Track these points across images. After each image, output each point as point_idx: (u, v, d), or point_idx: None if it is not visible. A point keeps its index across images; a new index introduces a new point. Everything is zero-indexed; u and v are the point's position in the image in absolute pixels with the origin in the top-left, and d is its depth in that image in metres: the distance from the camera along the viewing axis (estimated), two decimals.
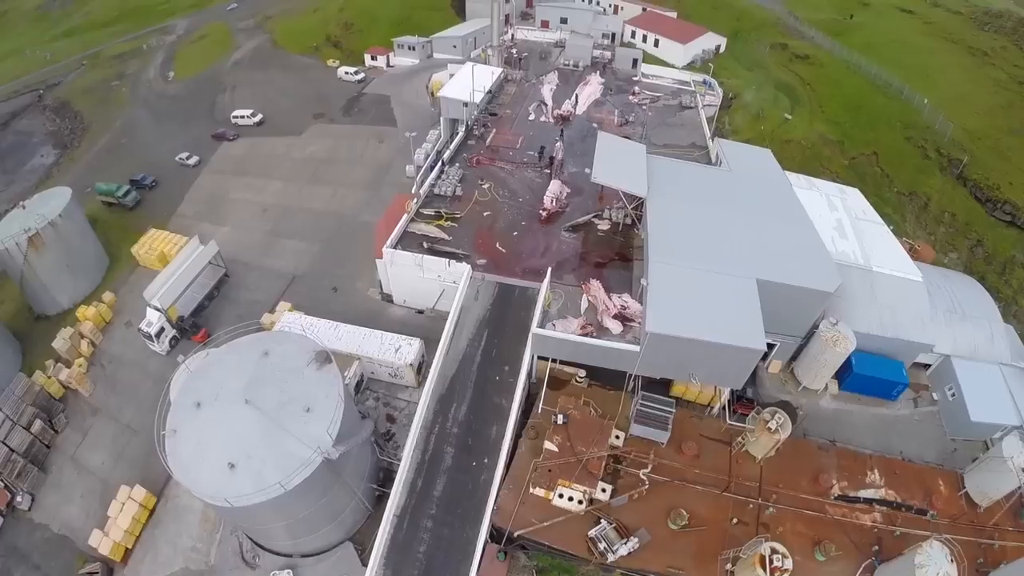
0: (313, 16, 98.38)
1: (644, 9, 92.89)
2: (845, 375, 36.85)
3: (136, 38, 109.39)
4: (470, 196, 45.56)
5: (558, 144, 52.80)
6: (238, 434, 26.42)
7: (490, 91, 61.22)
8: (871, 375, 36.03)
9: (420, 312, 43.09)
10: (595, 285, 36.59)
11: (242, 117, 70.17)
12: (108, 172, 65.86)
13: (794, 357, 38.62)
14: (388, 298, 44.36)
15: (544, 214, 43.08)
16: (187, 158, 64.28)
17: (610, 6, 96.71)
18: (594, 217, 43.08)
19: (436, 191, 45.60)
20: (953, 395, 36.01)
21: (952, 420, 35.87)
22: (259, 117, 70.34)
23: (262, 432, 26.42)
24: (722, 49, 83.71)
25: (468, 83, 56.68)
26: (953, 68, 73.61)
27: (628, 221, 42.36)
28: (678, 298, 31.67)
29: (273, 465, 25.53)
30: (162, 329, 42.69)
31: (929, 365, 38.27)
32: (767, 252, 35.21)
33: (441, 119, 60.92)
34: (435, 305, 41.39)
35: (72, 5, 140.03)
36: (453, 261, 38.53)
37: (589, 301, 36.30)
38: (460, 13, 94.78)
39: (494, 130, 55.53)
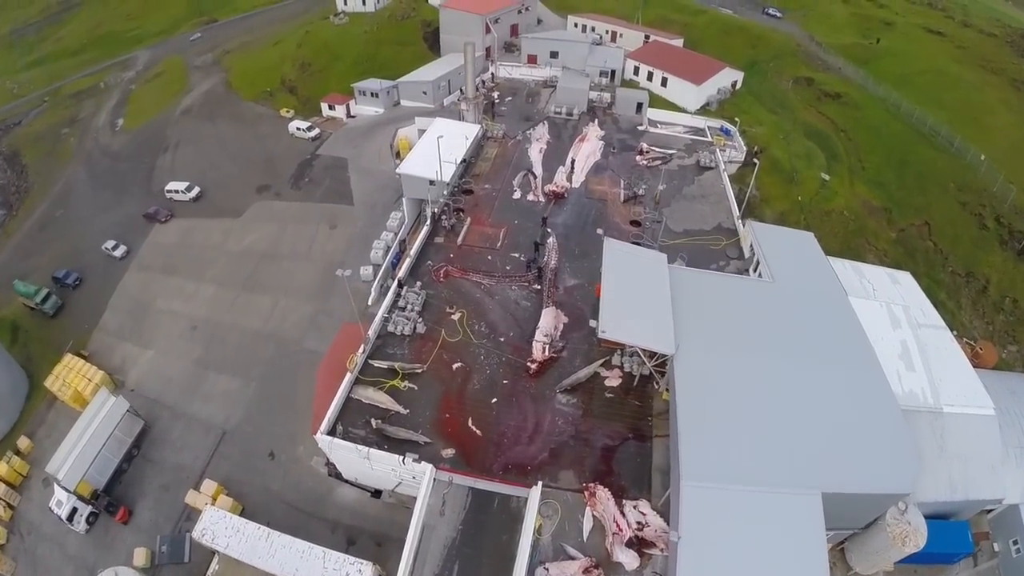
0: (272, 51, 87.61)
1: (647, 38, 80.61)
2: None
3: (98, 71, 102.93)
4: (434, 335, 35.39)
5: (550, 241, 42.80)
6: None
7: (464, 160, 50.89)
8: (934, 551, 29.56)
9: (376, 495, 33.32)
10: (602, 494, 26.87)
11: (177, 192, 59.84)
12: (36, 258, 58.44)
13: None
14: (336, 471, 34.45)
15: (533, 367, 33.05)
16: (114, 248, 54.66)
17: (607, 32, 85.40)
18: (600, 366, 33.13)
19: (390, 328, 35.62)
20: (1019, 551, 31.50)
21: None
22: (196, 192, 60.04)
23: None
24: (739, 85, 72.55)
25: (435, 151, 45.58)
26: (1000, 108, 63.69)
27: (645, 372, 32.54)
28: (718, 550, 23.04)
29: None
30: (75, 509, 35.82)
31: (992, 508, 33.07)
32: (832, 439, 27.56)
33: (404, 199, 50.67)
34: (394, 489, 31.62)
35: (46, 30, 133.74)
36: (411, 456, 28.57)
37: (595, 517, 26.64)
38: (434, 47, 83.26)
39: (468, 219, 45.24)
